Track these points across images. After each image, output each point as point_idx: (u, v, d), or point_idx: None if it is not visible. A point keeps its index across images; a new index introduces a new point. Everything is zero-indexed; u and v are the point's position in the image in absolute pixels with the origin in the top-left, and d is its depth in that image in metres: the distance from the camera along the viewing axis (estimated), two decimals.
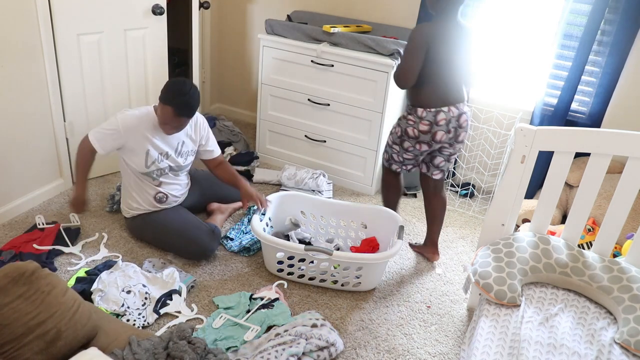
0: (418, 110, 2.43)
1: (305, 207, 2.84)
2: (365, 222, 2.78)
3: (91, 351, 1.49)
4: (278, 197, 2.80)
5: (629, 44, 2.86)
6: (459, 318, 2.48)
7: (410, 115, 2.46)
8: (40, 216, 2.81)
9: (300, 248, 2.41)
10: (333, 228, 2.85)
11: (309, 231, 2.85)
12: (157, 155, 2.56)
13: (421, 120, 2.42)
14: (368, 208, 2.81)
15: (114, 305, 2.26)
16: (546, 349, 1.83)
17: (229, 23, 4.08)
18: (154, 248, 2.71)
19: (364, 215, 2.78)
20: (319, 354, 2.10)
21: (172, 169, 2.64)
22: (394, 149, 2.61)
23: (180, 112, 2.40)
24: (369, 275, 2.49)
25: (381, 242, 2.72)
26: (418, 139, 2.48)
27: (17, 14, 2.57)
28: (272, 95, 3.47)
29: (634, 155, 2.05)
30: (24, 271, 1.49)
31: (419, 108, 2.42)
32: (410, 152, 2.55)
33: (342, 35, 3.14)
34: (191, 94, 2.40)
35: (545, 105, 3.17)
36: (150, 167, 2.56)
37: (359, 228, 2.80)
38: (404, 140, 2.52)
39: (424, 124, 2.42)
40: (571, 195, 3.07)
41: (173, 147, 2.61)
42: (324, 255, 2.39)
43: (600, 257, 2.16)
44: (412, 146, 2.51)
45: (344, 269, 2.45)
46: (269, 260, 2.57)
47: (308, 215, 2.86)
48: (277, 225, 2.83)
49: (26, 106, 2.76)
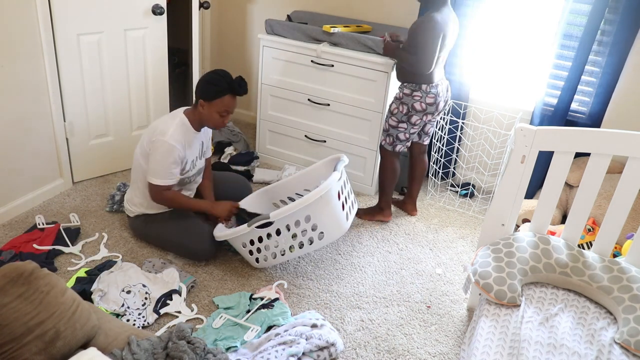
0: (422, 86, 2.73)
1: (274, 197, 2.90)
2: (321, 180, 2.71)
3: (90, 351, 1.49)
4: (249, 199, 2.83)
5: (628, 44, 2.86)
6: (459, 318, 2.48)
7: (415, 92, 2.75)
8: (40, 216, 2.81)
9: (244, 228, 2.44)
10: None
11: None
12: (190, 163, 2.57)
13: (427, 94, 2.75)
14: (319, 165, 2.81)
15: (114, 305, 2.26)
16: (546, 349, 1.83)
17: (229, 23, 4.08)
18: (154, 248, 2.71)
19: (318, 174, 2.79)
20: (319, 354, 2.10)
21: (198, 172, 2.68)
22: (399, 129, 2.85)
23: (239, 91, 2.45)
24: (322, 220, 2.43)
25: None
26: (425, 111, 2.78)
27: (17, 14, 2.57)
28: (272, 95, 3.47)
29: (634, 155, 2.05)
30: (23, 271, 1.49)
31: (423, 84, 2.73)
32: (417, 126, 2.85)
33: (342, 35, 3.14)
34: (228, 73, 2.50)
35: (545, 105, 3.16)
36: (184, 175, 2.57)
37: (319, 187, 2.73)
38: (411, 115, 2.80)
39: (430, 97, 2.75)
40: (571, 195, 3.06)
41: (198, 151, 2.62)
42: (265, 220, 2.41)
43: (600, 257, 2.15)
44: (419, 119, 2.81)
45: (295, 226, 2.44)
46: (244, 255, 2.59)
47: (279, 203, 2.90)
48: None
49: (26, 106, 2.76)
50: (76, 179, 3.19)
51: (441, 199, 3.45)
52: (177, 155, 2.44)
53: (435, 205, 3.38)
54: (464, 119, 3.39)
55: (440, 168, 3.51)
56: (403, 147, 2.91)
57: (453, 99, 3.33)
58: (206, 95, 2.44)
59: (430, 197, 3.45)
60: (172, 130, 2.45)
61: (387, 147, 2.93)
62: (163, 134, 2.43)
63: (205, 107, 2.46)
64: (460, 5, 3.12)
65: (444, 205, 3.38)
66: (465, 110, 3.37)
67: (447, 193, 3.52)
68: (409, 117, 2.80)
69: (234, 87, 2.43)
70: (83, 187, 3.17)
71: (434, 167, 3.50)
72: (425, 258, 2.87)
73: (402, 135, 2.86)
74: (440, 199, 3.45)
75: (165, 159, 2.43)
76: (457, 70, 3.28)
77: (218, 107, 2.45)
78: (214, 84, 2.42)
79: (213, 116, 2.47)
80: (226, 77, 2.45)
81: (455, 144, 3.41)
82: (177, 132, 2.45)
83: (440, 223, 3.20)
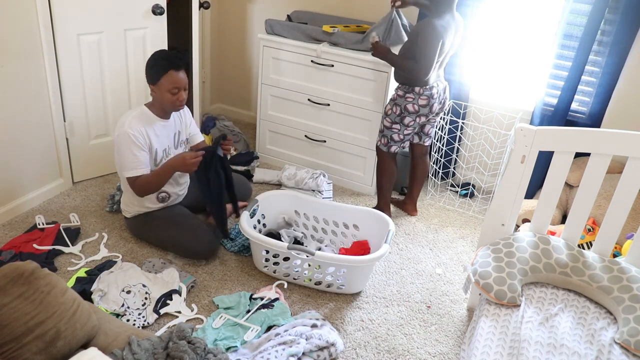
0: (416, 89, 2.74)
1: (299, 207, 2.85)
2: (357, 224, 2.77)
3: (91, 351, 1.49)
4: (272, 195, 2.80)
5: (628, 44, 2.86)
6: (459, 318, 2.47)
7: (408, 94, 2.76)
8: (40, 216, 2.81)
9: (283, 246, 2.41)
10: (325, 228, 2.83)
11: (302, 230, 2.85)
12: (162, 152, 2.56)
13: (420, 97, 2.75)
14: (361, 210, 2.79)
15: (114, 305, 2.26)
16: (546, 349, 1.83)
17: (229, 23, 4.08)
18: (154, 248, 2.71)
19: (356, 217, 2.77)
20: (319, 354, 2.10)
21: None
22: (393, 130, 2.86)
23: (177, 66, 2.42)
24: (353, 277, 2.47)
25: (372, 245, 2.71)
26: (418, 113, 2.79)
27: (17, 14, 2.57)
28: (272, 95, 3.47)
29: (634, 155, 2.05)
30: (23, 271, 1.49)
31: (417, 87, 2.73)
32: (410, 127, 2.84)
33: (342, 35, 3.14)
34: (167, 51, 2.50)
35: (545, 105, 3.16)
36: (158, 164, 2.56)
37: (351, 230, 2.79)
38: (404, 117, 2.80)
39: (423, 99, 2.75)
40: (571, 195, 3.06)
41: (171, 140, 2.62)
42: (307, 254, 2.38)
43: (600, 257, 2.15)
44: (412, 120, 2.81)
45: (326, 270, 2.44)
46: (257, 258, 2.58)
47: (302, 214, 2.86)
48: (270, 223, 2.83)
49: (26, 106, 2.76)
50: (76, 179, 3.19)
51: (441, 199, 3.45)
52: (136, 141, 2.43)
53: (435, 205, 3.38)
54: (464, 119, 3.39)
55: (440, 168, 3.51)
56: (398, 148, 2.92)
57: (453, 99, 3.33)
58: (151, 79, 2.45)
59: (430, 197, 3.45)
60: (130, 119, 2.47)
61: (382, 147, 2.95)
62: (122, 126, 2.47)
63: (156, 90, 2.47)
64: (460, 5, 3.12)
65: (444, 205, 3.38)
66: (465, 110, 3.37)
67: (447, 193, 3.52)
68: (402, 118, 2.81)
69: (172, 61, 2.43)
70: (83, 187, 3.17)
71: (434, 167, 3.50)
72: (425, 258, 2.87)
73: (396, 136, 2.87)
74: (440, 199, 3.45)
75: (127, 148, 2.44)
76: (457, 70, 3.28)
77: (166, 86, 2.44)
78: (153, 65, 2.44)
79: (165, 97, 2.47)
80: (162, 55, 2.46)
81: (455, 144, 3.41)
82: (134, 121, 2.47)
83: (440, 223, 3.20)
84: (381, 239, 2.57)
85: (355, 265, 2.39)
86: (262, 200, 2.75)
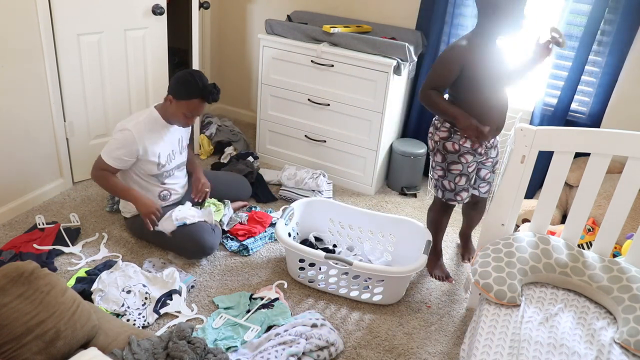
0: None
1: (334, 215, 2.80)
2: (392, 233, 2.72)
3: (91, 351, 1.49)
4: (305, 204, 2.77)
5: (628, 44, 2.86)
6: (459, 318, 2.48)
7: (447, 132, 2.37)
8: (40, 216, 2.81)
9: (320, 255, 2.38)
10: (360, 237, 2.79)
11: (335, 239, 2.83)
12: (166, 157, 2.57)
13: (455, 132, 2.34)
14: (396, 219, 2.71)
15: (114, 305, 2.26)
16: (546, 349, 1.83)
17: (229, 23, 4.08)
18: (154, 248, 2.71)
19: (391, 227, 2.71)
20: (319, 354, 2.10)
21: (177, 167, 2.67)
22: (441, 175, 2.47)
23: (209, 98, 2.41)
24: (391, 289, 2.44)
25: (407, 255, 2.65)
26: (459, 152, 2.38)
27: (17, 14, 2.57)
28: (272, 95, 3.47)
29: (634, 155, 2.05)
30: (23, 271, 1.49)
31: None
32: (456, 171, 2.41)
33: (342, 35, 3.14)
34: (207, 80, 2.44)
35: (545, 105, 3.17)
36: (161, 169, 2.57)
37: (386, 239, 2.75)
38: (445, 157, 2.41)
39: None
40: (571, 195, 3.06)
41: (175, 145, 2.62)
42: (344, 264, 2.35)
43: (600, 257, 2.15)
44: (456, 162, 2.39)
45: (364, 281, 2.42)
46: (291, 267, 2.55)
47: (336, 222, 2.82)
48: (303, 231, 2.81)
49: (26, 106, 2.76)
50: (76, 179, 3.19)
51: None
52: (130, 147, 2.43)
53: None
54: None
55: None
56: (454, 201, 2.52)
57: None
58: (176, 94, 2.43)
59: (430, 197, 3.45)
60: (137, 121, 2.48)
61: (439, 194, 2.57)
62: (129, 122, 2.47)
63: (173, 104, 2.46)
64: (460, 5, 3.12)
65: None
66: None
67: None
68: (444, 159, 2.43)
69: (205, 93, 2.40)
70: (83, 187, 3.17)
71: None
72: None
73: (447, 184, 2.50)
74: None
75: (121, 143, 2.44)
76: None
77: (185, 108, 2.44)
78: (186, 85, 2.41)
79: (178, 115, 2.47)
80: (200, 81, 2.41)
81: None
82: (141, 123, 2.47)
83: None
84: (415, 248, 2.54)
85: (393, 274, 2.35)
86: (297, 208, 2.72)
